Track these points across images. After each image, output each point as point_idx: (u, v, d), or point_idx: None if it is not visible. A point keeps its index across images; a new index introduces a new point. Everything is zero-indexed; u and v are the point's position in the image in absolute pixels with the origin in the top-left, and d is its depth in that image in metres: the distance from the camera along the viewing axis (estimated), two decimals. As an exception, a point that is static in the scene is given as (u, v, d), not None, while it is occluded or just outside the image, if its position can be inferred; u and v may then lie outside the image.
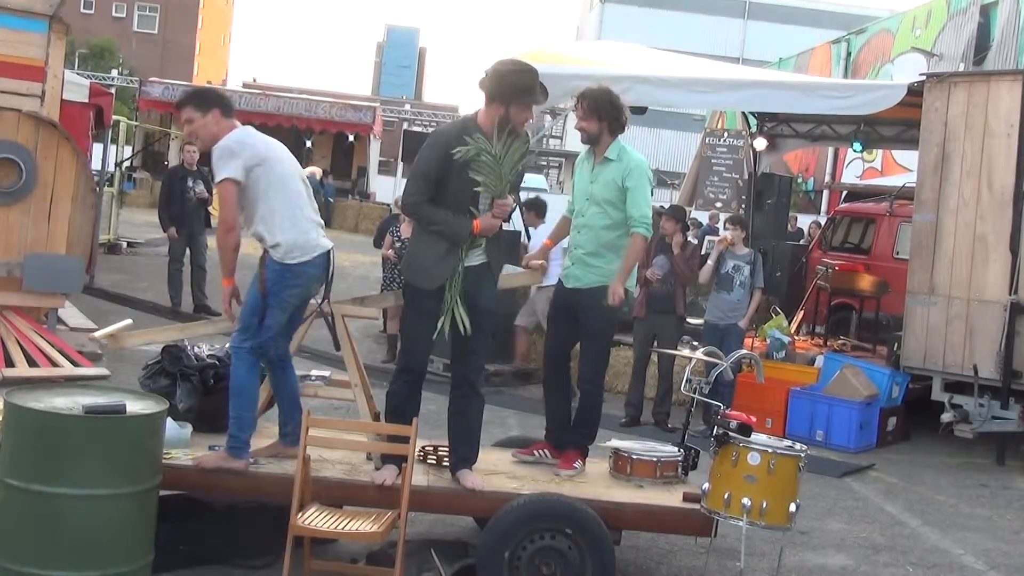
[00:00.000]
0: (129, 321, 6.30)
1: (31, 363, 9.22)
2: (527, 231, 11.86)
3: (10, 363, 9.12)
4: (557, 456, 6.02)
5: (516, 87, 5.39)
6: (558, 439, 6.10)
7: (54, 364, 9.30)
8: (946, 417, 9.91)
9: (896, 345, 10.50)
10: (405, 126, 44.97)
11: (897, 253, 13.48)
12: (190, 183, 13.54)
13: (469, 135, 5.36)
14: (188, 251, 13.63)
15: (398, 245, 11.49)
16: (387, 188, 36.86)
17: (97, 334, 5.86)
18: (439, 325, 5.40)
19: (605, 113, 6.01)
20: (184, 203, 13.49)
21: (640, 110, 11.85)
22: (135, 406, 4.71)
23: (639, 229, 6.01)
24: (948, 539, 7.43)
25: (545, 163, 54.42)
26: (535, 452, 6.05)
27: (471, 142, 5.29)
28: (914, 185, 10.55)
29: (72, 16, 21.85)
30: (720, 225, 19.56)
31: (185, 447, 5.55)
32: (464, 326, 5.40)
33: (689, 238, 10.72)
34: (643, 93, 11.11)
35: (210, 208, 13.85)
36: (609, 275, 5.98)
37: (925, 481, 9.05)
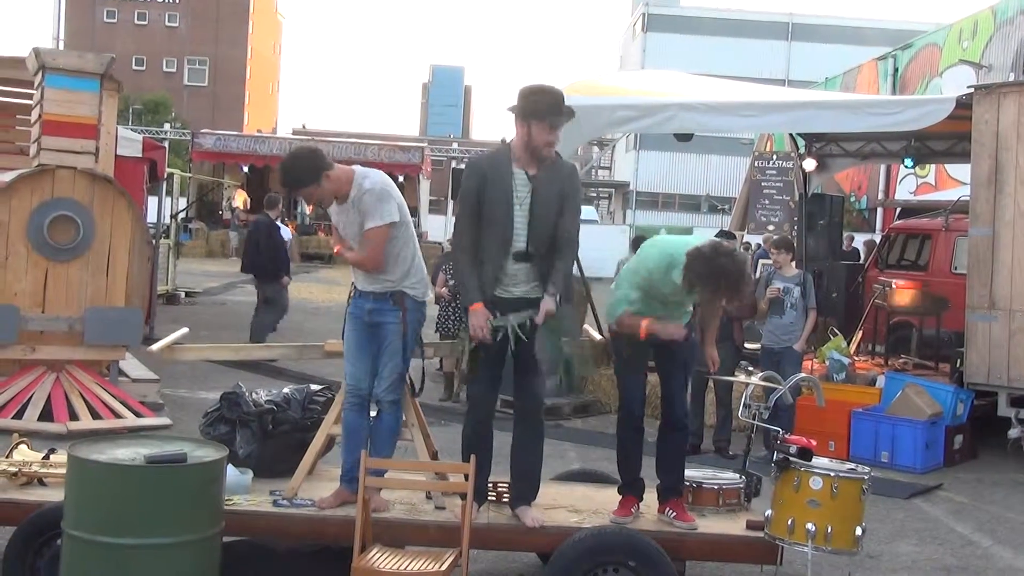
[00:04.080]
0: (185, 329, 6.37)
1: (94, 416, 9.35)
2: None
3: (74, 416, 9.26)
4: (637, 505, 5.75)
5: (535, 106, 5.43)
6: (640, 488, 5.82)
7: (117, 416, 9.44)
8: (1014, 433, 9.73)
9: (959, 361, 10.34)
10: (454, 164, 45.28)
11: (955, 268, 13.30)
12: (281, 231, 14.21)
13: (501, 156, 5.51)
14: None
15: (451, 283, 11.54)
16: (438, 227, 37.11)
17: (154, 347, 5.94)
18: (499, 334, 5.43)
19: None
20: (286, 251, 14.09)
21: (686, 137, 11.85)
22: (196, 454, 4.75)
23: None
24: (1022, 558, 7.26)
25: (595, 194, 54.50)
26: (631, 511, 5.68)
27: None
28: (969, 198, 10.42)
29: (124, 73, 22.33)
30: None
31: (246, 493, 5.59)
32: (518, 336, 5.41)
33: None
34: (689, 120, 11.09)
35: None
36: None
37: (995, 499, 8.87)
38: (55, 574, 4.76)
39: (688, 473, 5.91)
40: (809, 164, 14.40)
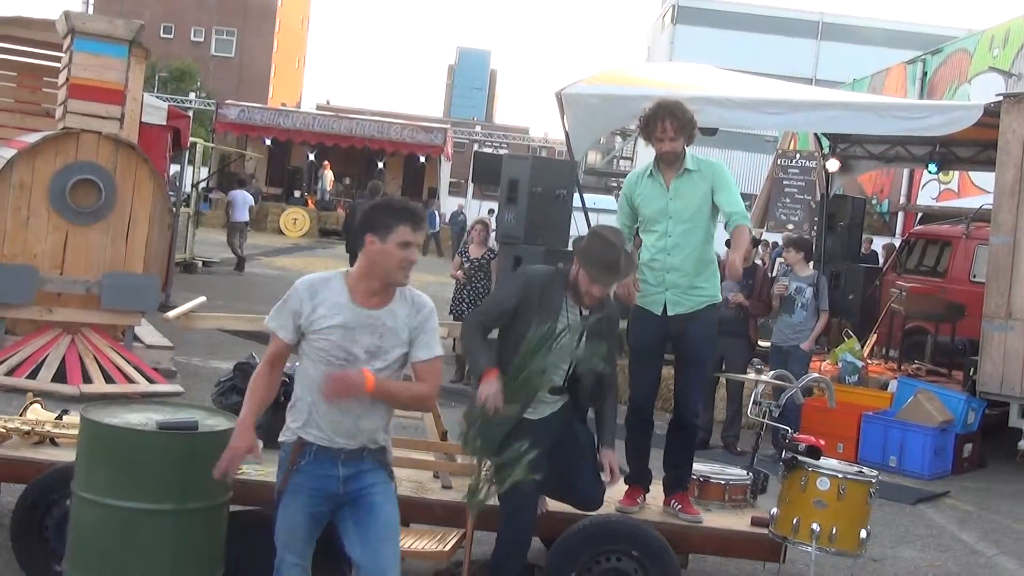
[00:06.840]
0: (202, 298, 6.39)
1: (108, 380, 9.41)
2: None
3: (88, 379, 9.32)
4: (643, 496, 5.74)
5: (588, 253, 5.04)
6: (647, 478, 5.79)
7: (130, 381, 9.49)
8: (1024, 445, 9.70)
9: (972, 370, 10.30)
10: (476, 147, 45.29)
11: (974, 276, 13.24)
12: None
13: (555, 284, 5.13)
14: None
15: (467, 266, 11.57)
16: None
17: (170, 314, 5.95)
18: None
19: (691, 129, 5.69)
20: None
21: (710, 131, 11.80)
22: (207, 422, 4.78)
23: (744, 221, 5.66)
24: (1025, 569, 7.26)
25: (616, 184, 54.40)
26: (637, 502, 5.66)
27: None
28: (991, 207, 10.37)
29: (152, 41, 22.38)
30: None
31: (256, 463, 5.61)
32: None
33: (755, 260, 10.57)
34: (714, 114, 11.05)
35: None
36: (713, 292, 5.71)
37: (1002, 509, 8.85)
38: (63, 533, 4.81)
39: (695, 467, 5.91)
40: (832, 164, 14.36)
